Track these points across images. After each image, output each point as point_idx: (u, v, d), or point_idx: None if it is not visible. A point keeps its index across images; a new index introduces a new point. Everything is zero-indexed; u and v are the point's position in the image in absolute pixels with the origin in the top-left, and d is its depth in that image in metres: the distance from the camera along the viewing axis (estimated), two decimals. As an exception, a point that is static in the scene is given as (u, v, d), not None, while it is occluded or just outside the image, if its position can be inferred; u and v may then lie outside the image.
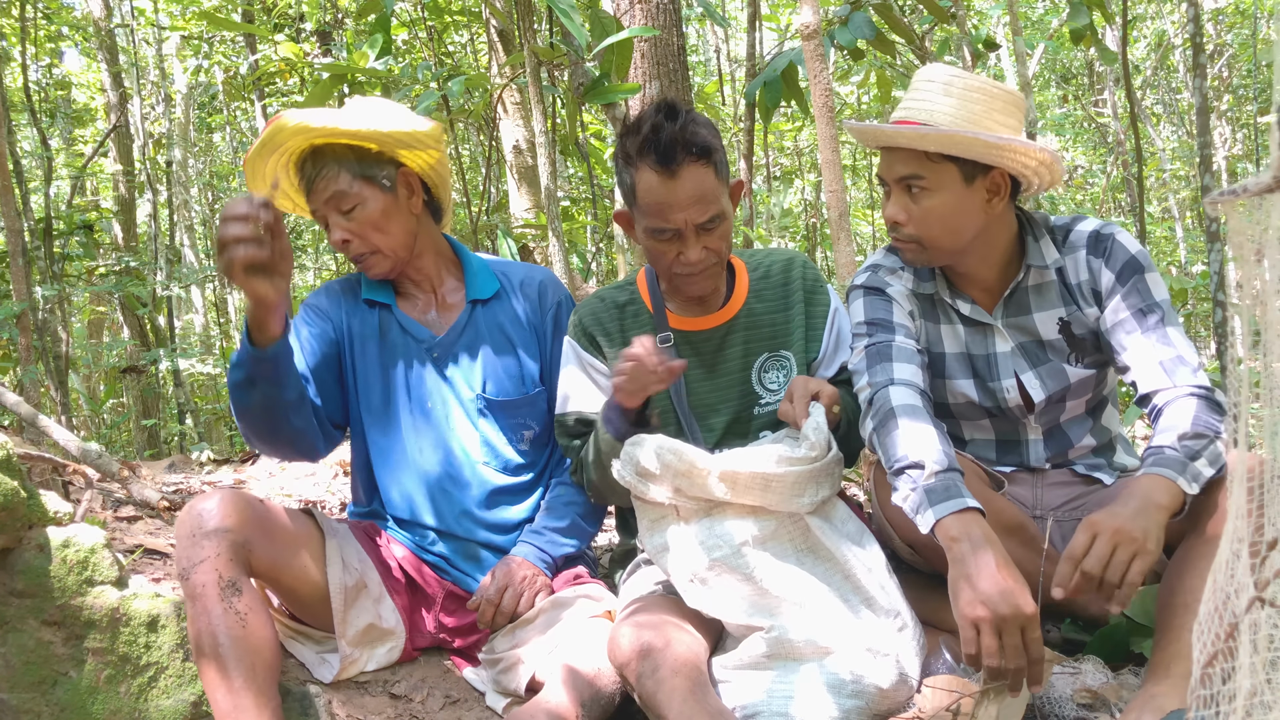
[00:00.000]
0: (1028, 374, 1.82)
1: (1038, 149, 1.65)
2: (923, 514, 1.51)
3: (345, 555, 1.83)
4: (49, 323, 5.55)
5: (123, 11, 7.91)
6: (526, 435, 2.02)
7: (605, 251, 5.93)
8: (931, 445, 1.57)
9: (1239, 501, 0.76)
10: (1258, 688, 0.70)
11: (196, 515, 1.62)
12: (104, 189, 9.72)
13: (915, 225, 1.72)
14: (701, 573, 1.65)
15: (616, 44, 3.12)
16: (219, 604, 1.54)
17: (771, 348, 1.96)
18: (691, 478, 1.66)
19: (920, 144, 1.66)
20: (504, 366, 2.01)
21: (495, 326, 2.02)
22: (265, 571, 1.69)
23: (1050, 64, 10.97)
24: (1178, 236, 9.70)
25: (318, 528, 1.84)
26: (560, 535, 1.97)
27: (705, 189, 1.76)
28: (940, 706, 1.54)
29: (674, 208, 1.76)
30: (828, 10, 4.42)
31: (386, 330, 1.99)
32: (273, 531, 1.71)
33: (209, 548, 1.58)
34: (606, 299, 2.01)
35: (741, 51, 7.86)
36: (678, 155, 1.72)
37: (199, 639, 1.54)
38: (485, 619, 1.85)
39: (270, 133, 1.84)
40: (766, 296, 1.99)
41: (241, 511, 1.64)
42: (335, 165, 1.86)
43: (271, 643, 1.58)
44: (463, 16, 5.91)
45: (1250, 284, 0.73)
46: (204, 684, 1.53)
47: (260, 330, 1.68)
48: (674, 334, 1.95)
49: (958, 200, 1.69)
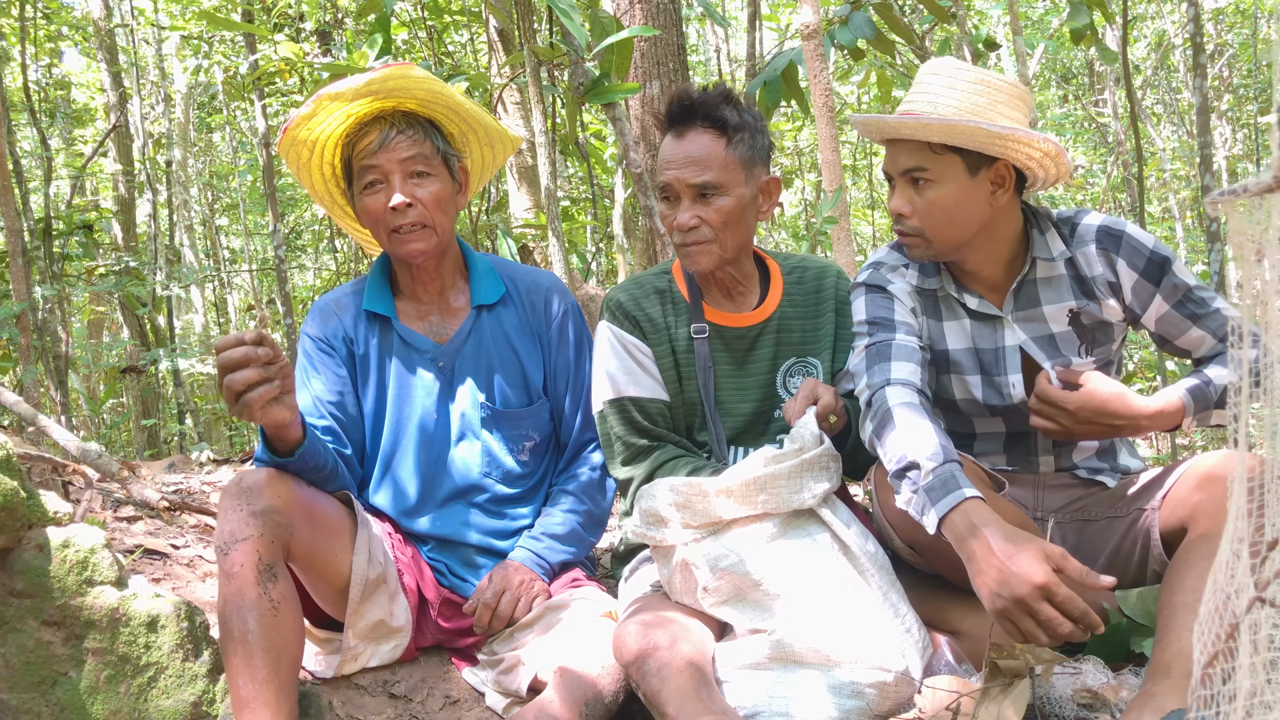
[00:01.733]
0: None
1: (1041, 139, 1.65)
2: (927, 515, 1.51)
3: (372, 548, 1.80)
4: (49, 323, 5.55)
5: (123, 11, 7.91)
6: (527, 445, 2.00)
7: (605, 251, 5.93)
8: (927, 441, 1.57)
9: (1239, 501, 0.76)
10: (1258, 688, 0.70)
11: (245, 490, 1.60)
12: (104, 189, 9.72)
13: (919, 217, 1.72)
14: (710, 584, 1.65)
15: (616, 44, 3.12)
16: (255, 588, 1.52)
17: (800, 353, 1.98)
18: (693, 507, 1.67)
19: (922, 134, 1.66)
20: (507, 376, 1.98)
21: (500, 334, 1.99)
22: (301, 557, 1.66)
23: (1050, 64, 10.97)
24: (1178, 236, 9.70)
25: (352, 516, 1.81)
26: (558, 542, 1.96)
27: (707, 155, 1.80)
28: (940, 706, 1.54)
29: (670, 164, 1.82)
30: (828, 10, 4.42)
31: (388, 343, 1.96)
32: (315, 518, 1.68)
33: (253, 526, 1.56)
34: (645, 283, 2.00)
35: (741, 51, 7.86)
36: (690, 119, 1.81)
37: (228, 620, 1.52)
38: (482, 623, 1.84)
39: (391, 75, 1.79)
40: (799, 302, 2.00)
41: (289, 492, 1.62)
42: (423, 131, 1.86)
43: (300, 635, 1.57)
44: (463, 16, 5.91)
45: (1250, 284, 0.73)
46: (226, 667, 1.52)
47: (282, 443, 1.64)
48: (709, 326, 1.96)
49: (962, 192, 1.69)
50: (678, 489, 1.68)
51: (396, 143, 1.82)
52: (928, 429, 1.60)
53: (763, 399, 1.96)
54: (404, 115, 1.85)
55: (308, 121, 1.85)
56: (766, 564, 1.64)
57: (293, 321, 6.06)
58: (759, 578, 1.63)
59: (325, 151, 1.92)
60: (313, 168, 1.94)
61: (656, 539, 1.70)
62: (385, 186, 1.83)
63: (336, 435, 1.90)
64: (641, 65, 3.95)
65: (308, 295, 10.05)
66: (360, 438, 1.96)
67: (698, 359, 1.94)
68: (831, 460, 1.74)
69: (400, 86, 1.82)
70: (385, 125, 1.83)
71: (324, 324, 1.96)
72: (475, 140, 1.98)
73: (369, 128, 1.84)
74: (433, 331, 1.97)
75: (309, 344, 1.95)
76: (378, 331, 1.96)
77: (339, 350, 1.94)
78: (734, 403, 1.95)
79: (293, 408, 1.57)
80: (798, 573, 1.65)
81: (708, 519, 1.67)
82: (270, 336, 1.52)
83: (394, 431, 1.95)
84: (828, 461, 1.73)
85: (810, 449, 1.69)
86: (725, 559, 1.64)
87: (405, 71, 1.80)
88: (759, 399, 1.96)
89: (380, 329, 1.96)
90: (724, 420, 1.95)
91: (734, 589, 1.65)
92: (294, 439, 1.63)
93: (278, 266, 5.98)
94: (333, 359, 1.94)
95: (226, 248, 11.19)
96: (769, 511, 1.66)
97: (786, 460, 1.67)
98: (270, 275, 9.77)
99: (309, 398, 1.90)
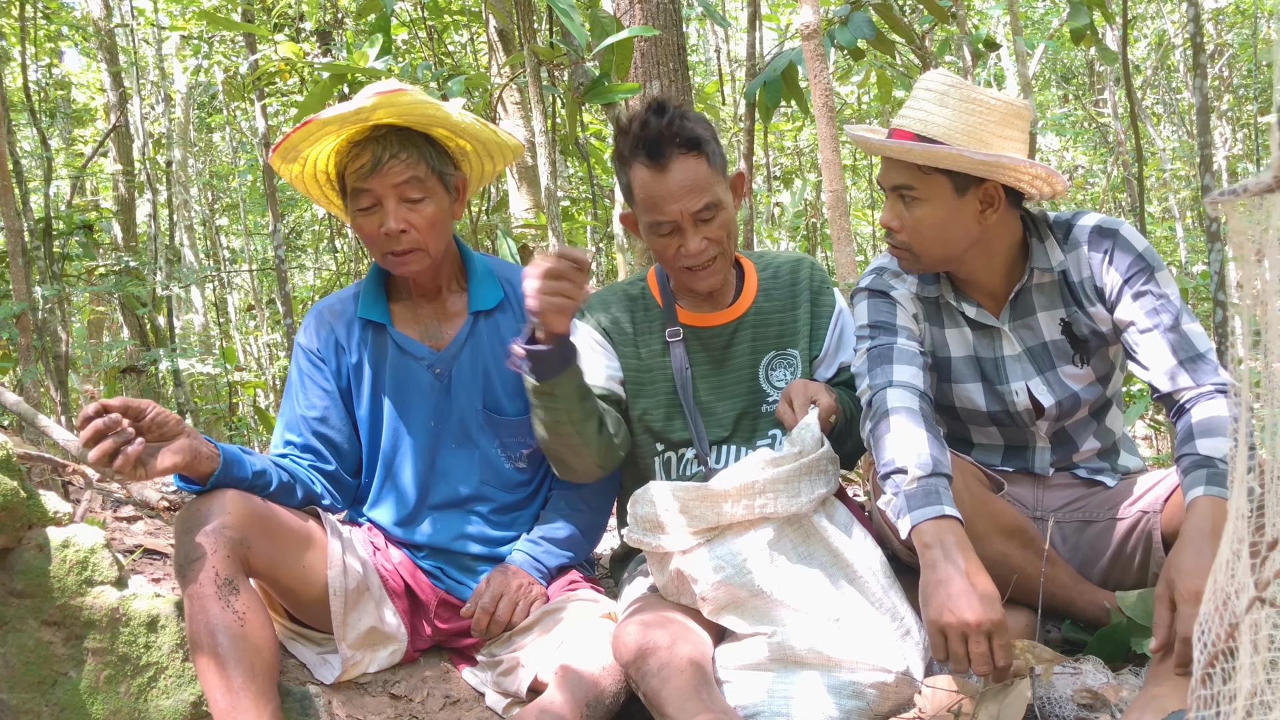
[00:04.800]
0: (1035, 380, 1.81)
1: (1029, 164, 1.63)
2: (901, 519, 1.54)
3: (347, 558, 1.79)
4: (49, 323, 5.55)
5: (123, 11, 7.91)
6: (524, 453, 1.97)
7: (605, 251, 5.93)
8: (918, 449, 1.58)
9: (1239, 501, 0.76)
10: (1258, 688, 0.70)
11: (195, 512, 1.61)
12: (104, 189, 9.72)
13: (908, 233, 1.72)
14: (708, 594, 1.65)
15: (616, 44, 3.12)
16: (216, 602, 1.53)
17: (779, 346, 1.98)
18: (690, 512, 1.66)
19: (907, 158, 1.66)
20: (504, 383, 1.94)
21: (497, 340, 1.94)
22: (264, 571, 1.67)
23: (1050, 64, 10.97)
24: (1178, 236, 9.70)
25: (322, 528, 1.81)
26: (556, 546, 1.95)
27: (698, 179, 1.79)
28: (940, 706, 1.54)
29: (668, 199, 1.79)
30: (828, 10, 4.42)
31: (384, 351, 1.93)
32: (273, 531, 1.68)
33: (206, 545, 1.56)
34: (618, 291, 2.03)
35: (741, 51, 7.86)
36: (666, 149, 1.77)
37: (197, 637, 1.53)
38: (480, 628, 1.83)
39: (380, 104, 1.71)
40: (775, 296, 2.00)
41: (240, 509, 1.62)
42: (417, 152, 1.79)
43: (271, 642, 1.57)
44: (463, 16, 5.91)
45: (1250, 284, 0.73)
46: (202, 683, 1.53)
47: (193, 474, 1.63)
48: (683, 329, 1.96)
49: (949, 211, 1.68)
50: (674, 493, 1.67)
51: (390, 167, 1.76)
52: (922, 437, 1.60)
53: (746, 395, 1.96)
54: (397, 133, 1.78)
55: (298, 146, 1.81)
56: (764, 575, 1.63)
57: (292, 322, 6.06)
58: (756, 589, 1.62)
59: (318, 163, 1.88)
60: (306, 178, 1.91)
61: (651, 545, 1.69)
62: (379, 210, 1.78)
63: (317, 453, 1.89)
64: (641, 65, 3.94)
65: (308, 295, 10.05)
66: (352, 451, 1.95)
67: (674, 361, 1.94)
68: (831, 463, 1.74)
69: (391, 114, 1.76)
70: (378, 147, 1.76)
71: (316, 333, 1.94)
72: (473, 151, 1.93)
73: (362, 147, 1.78)
74: (429, 337, 1.95)
75: (300, 356, 1.94)
76: (372, 338, 1.93)
77: (329, 361, 1.93)
78: (715, 401, 1.96)
79: (181, 450, 1.57)
80: (797, 581, 1.64)
81: (705, 524, 1.66)
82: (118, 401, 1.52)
83: (391, 438, 1.93)
84: (826, 465, 1.72)
85: (810, 452, 1.69)
86: (721, 570, 1.63)
87: (394, 100, 1.72)
88: (742, 395, 1.96)
89: (375, 335, 1.94)
90: (709, 420, 1.95)
91: (731, 598, 1.65)
92: (204, 471, 1.63)
93: (278, 266, 5.98)
94: (320, 372, 1.92)
95: (226, 248, 11.18)
96: (767, 515, 1.66)
97: (785, 464, 1.66)
98: (270, 275, 9.77)
99: (294, 415, 1.90)
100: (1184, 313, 1.67)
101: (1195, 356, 1.63)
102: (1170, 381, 1.63)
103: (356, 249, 6.93)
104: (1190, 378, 1.62)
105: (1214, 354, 1.65)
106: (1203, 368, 1.62)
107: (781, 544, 1.67)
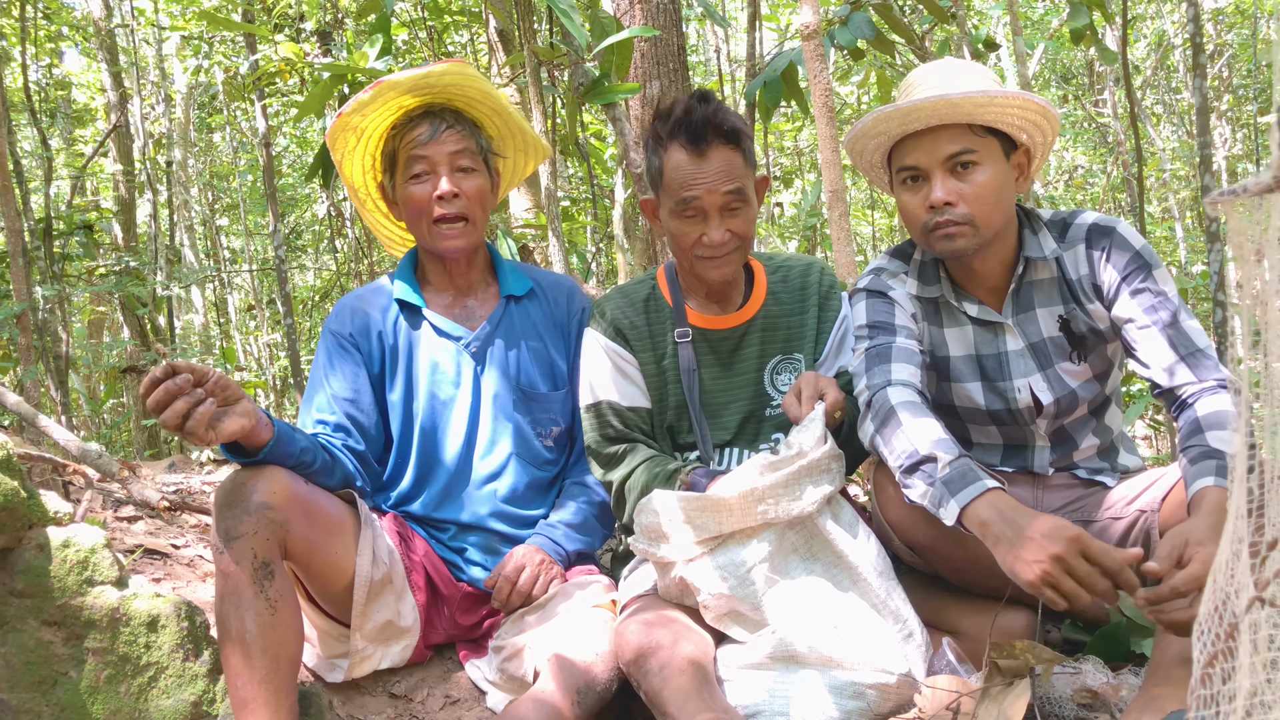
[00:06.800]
0: (1035, 376, 1.81)
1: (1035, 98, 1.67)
2: (946, 506, 1.47)
3: (377, 547, 1.79)
4: (49, 323, 5.55)
5: (123, 11, 7.91)
6: (554, 431, 2.05)
7: (605, 251, 5.94)
8: (937, 436, 1.56)
9: (1239, 501, 0.76)
10: (1258, 688, 0.70)
11: (241, 485, 1.58)
12: (104, 189, 9.72)
13: (969, 203, 1.67)
14: (710, 603, 1.65)
15: (616, 44, 3.12)
16: (251, 586, 1.51)
17: (785, 350, 1.99)
18: (693, 522, 1.66)
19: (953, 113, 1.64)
20: (537, 361, 2.03)
21: (528, 323, 2.05)
22: (299, 554, 1.65)
23: (1050, 64, 10.97)
24: (1178, 236, 9.70)
25: (355, 515, 1.79)
26: (574, 530, 1.99)
27: (732, 168, 1.81)
28: (941, 706, 1.54)
29: (701, 182, 1.80)
30: (828, 10, 4.42)
31: (419, 332, 1.99)
32: (313, 514, 1.66)
33: (248, 524, 1.54)
34: (629, 293, 2.03)
35: (741, 51, 7.86)
36: (708, 135, 1.79)
37: (225, 619, 1.51)
38: (501, 597, 1.85)
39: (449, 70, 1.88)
40: (784, 300, 2.01)
41: (285, 490, 1.60)
42: (471, 128, 1.95)
43: (298, 634, 1.57)
44: (463, 16, 5.91)
45: (1250, 284, 0.73)
46: (224, 667, 1.51)
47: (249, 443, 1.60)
48: (692, 330, 1.97)
49: (1004, 174, 1.70)
50: (676, 504, 1.67)
51: (446, 136, 1.90)
52: (934, 424, 1.59)
53: (752, 399, 1.96)
54: (451, 112, 1.93)
55: (365, 108, 1.91)
56: (765, 590, 1.63)
57: (293, 322, 6.06)
58: (757, 604, 1.62)
59: (370, 143, 1.99)
60: (356, 156, 2.01)
61: (657, 555, 1.69)
62: (432, 177, 1.90)
63: (348, 432, 1.90)
64: (641, 65, 3.94)
65: (308, 295, 10.04)
66: (378, 436, 1.97)
67: (681, 362, 1.95)
68: (834, 461, 1.70)
69: (455, 82, 1.90)
70: (434, 119, 1.91)
71: (350, 319, 1.98)
72: (512, 144, 2.07)
73: (418, 120, 1.91)
74: (464, 318, 2.02)
75: (330, 340, 1.97)
76: (408, 321, 2.00)
77: (363, 345, 1.97)
78: (722, 404, 1.96)
79: (246, 414, 1.54)
80: (798, 595, 1.64)
81: (707, 533, 1.65)
82: (185, 363, 1.49)
83: (428, 416, 1.97)
84: (829, 463, 1.69)
85: (811, 452, 1.66)
86: (725, 581, 1.63)
87: (462, 69, 1.88)
88: (748, 399, 1.96)
89: (410, 318, 2.00)
90: (714, 422, 1.95)
91: (731, 608, 1.65)
92: (260, 441, 1.61)
93: (278, 266, 5.97)
94: (352, 355, 1.95)
95: (227, 248, 11.19)
96: (769, 521, 1.64)
97: (784, 468, 1.64)
98: (270, 275, 9.76)
99: (324, 395, 1.91)
100: (1182, 309, 1.66)
101: (1195, 352, 1.62)
102: (1170, 377, 1.63)
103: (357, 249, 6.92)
104: (1191, 373, 1.61)
105: (1213, 350, 1.64)
106: (1203, 363, 1.62)
107: (785, 549, 1.66)
